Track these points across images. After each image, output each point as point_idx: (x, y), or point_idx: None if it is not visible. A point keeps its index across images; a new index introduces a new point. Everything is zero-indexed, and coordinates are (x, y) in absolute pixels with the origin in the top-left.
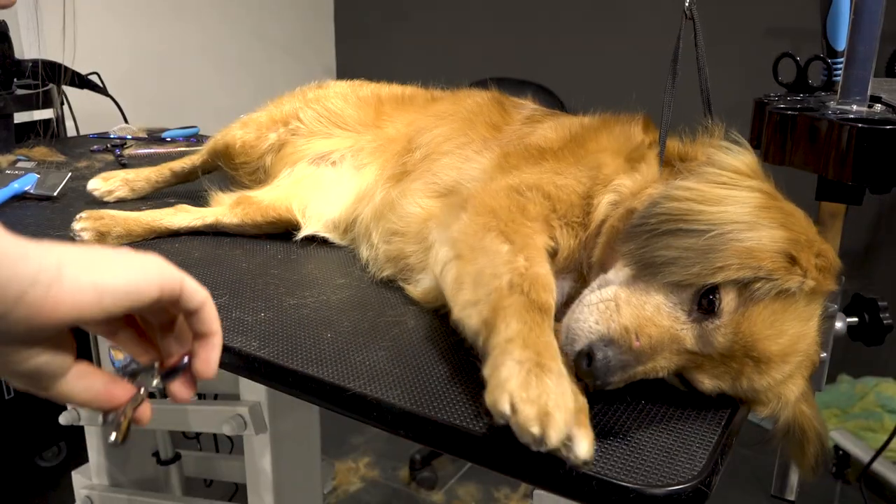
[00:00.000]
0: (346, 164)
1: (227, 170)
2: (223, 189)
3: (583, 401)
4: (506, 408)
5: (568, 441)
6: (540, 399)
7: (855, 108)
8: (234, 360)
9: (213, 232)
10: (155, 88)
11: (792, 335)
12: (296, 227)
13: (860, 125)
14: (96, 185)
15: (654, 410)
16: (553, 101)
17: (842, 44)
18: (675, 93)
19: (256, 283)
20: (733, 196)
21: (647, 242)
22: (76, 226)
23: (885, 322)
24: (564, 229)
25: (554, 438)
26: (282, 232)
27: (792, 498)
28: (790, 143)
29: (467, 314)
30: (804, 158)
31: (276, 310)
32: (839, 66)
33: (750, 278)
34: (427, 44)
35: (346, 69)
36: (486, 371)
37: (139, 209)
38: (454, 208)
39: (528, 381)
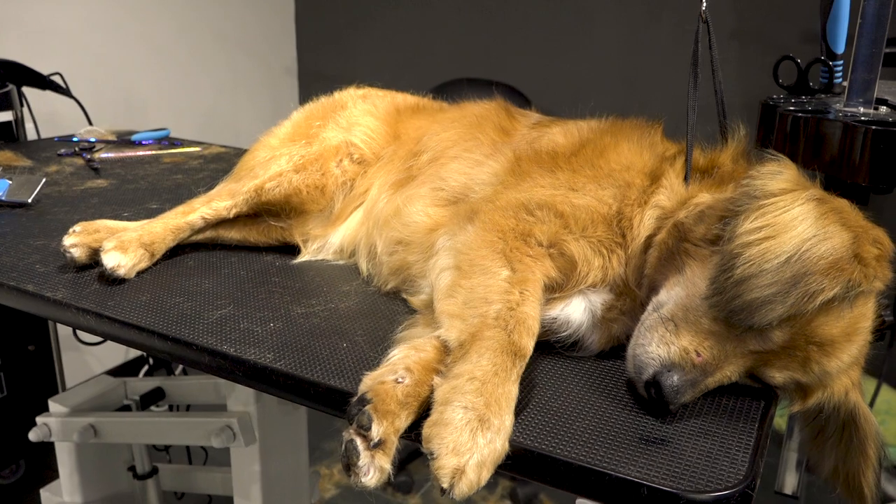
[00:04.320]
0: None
1: (269, 216)
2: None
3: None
4: (433, 447)
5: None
6: (462, 454)
7: (861, 110)
8: (248, 372)
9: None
10: (113, 89)
11: (852, 316)
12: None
13: (875, 127)
14: (116, 259)
15: (686, 414)
16: (522, 101)
17: (841, 47)
18: (697, 96)
19: (259, 292)
20: (795, 216)
21: (735, 291)
22: (66, 241)
23: (885, 319)
24: (583, 242)
25: (459, 495)
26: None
27: (791, 493)
28: (801, 145)
29: (450, 324)
30: (816, 160)
31: (284, 319)
32: (839, 68)
33: (841, 294)
34: (392, 43)
35: (308, 70)
36: (439, 394)
37: (120, 217)
38: (462, 218)
39: (463, 432)
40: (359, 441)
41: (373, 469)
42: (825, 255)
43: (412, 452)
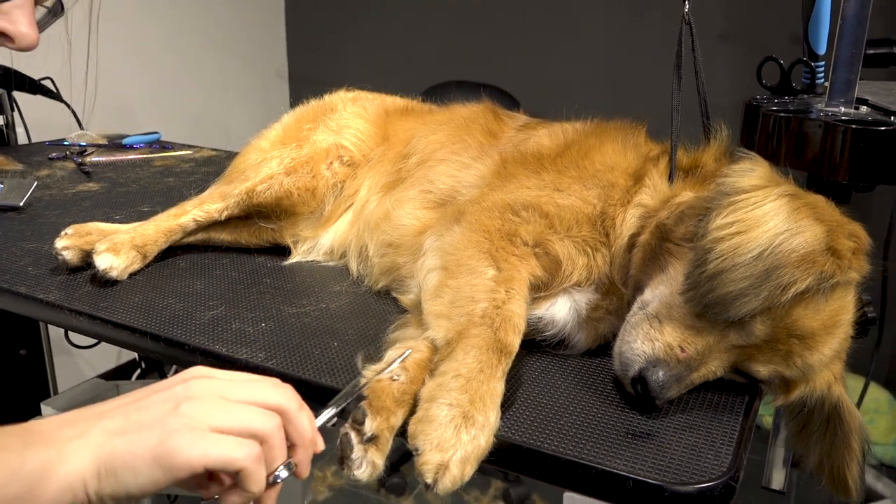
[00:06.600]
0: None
1: (260, 218)
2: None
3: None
4: (418, 443)
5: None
6: (446, 449)
7: (843, 109)
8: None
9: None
10: (103, 94)
11: (831, 309)
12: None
13: (856, 126)
14: (109, 261)
15: (672, 409)
16: (511, 103)
17: (823, 48)
18: (681, 97)
19: (251, 293)
20: (766, 212)
21: (709, 286)
22: (58, 244)
23: (868, 315)
24: (567, 242)
25: (442, 490)
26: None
27: (780, 489)
28: (784, 144)
29: (437, 323)
30: (798, 159)
31: (276, 319)
32: (821, 69)
33: (815, 285)
34: (382, 46)
35: (299, 73)
36: (425, 391)
37: (112, 220)
38: (449, 220)
39: (447, 428)
40: (353, 435)
41: (365, 463)
42: (797, 249)
43: (405, 454)
